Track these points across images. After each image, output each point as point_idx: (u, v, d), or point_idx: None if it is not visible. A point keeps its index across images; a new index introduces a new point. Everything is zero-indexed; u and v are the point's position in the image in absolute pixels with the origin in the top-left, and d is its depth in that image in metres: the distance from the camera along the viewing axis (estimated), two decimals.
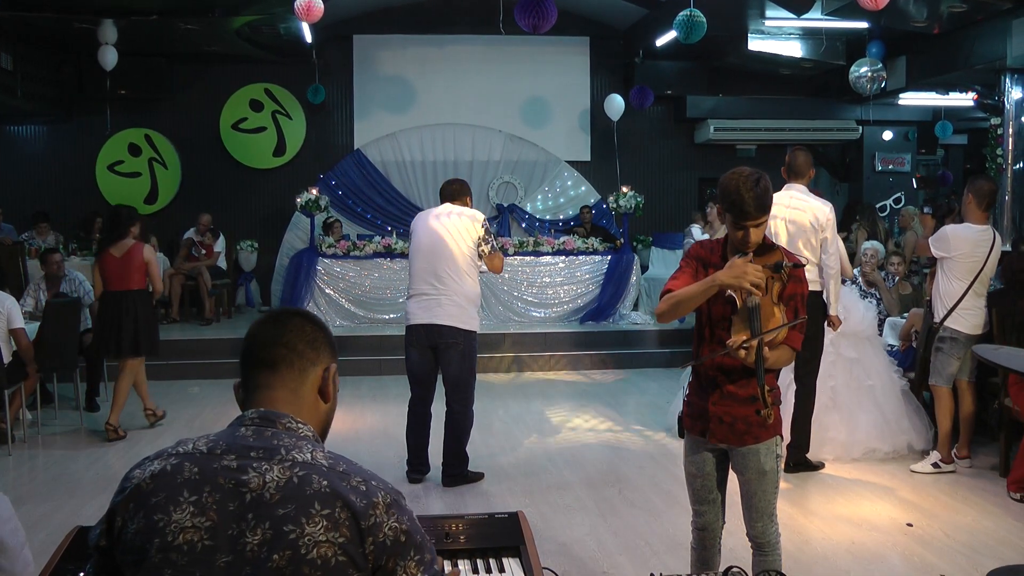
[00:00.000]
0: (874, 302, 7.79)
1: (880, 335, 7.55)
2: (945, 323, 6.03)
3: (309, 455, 1.73)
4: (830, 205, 6.00)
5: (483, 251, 5.91)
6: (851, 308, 6.65)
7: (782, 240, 5.84)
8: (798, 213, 5.89)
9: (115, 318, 7.13)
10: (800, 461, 6.19)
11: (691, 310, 3.26)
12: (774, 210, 5.83)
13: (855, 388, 6.49)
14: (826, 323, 6.04)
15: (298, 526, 1.63)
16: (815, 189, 6.42)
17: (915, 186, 14.80)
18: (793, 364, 6.07)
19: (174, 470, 1.70)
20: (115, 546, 1.72)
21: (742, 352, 3.04)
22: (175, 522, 1.64)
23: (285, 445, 1.73)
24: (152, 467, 1.73)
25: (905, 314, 7.49)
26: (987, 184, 6.10)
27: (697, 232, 8.97)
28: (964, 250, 5.94)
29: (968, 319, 5.99)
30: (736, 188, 3.10)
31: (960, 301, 5.96)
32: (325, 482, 1.68)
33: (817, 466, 6.26)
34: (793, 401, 6.15)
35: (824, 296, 6.00)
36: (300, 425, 1.80)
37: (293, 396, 1.84)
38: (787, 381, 6.16)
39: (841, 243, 7.18)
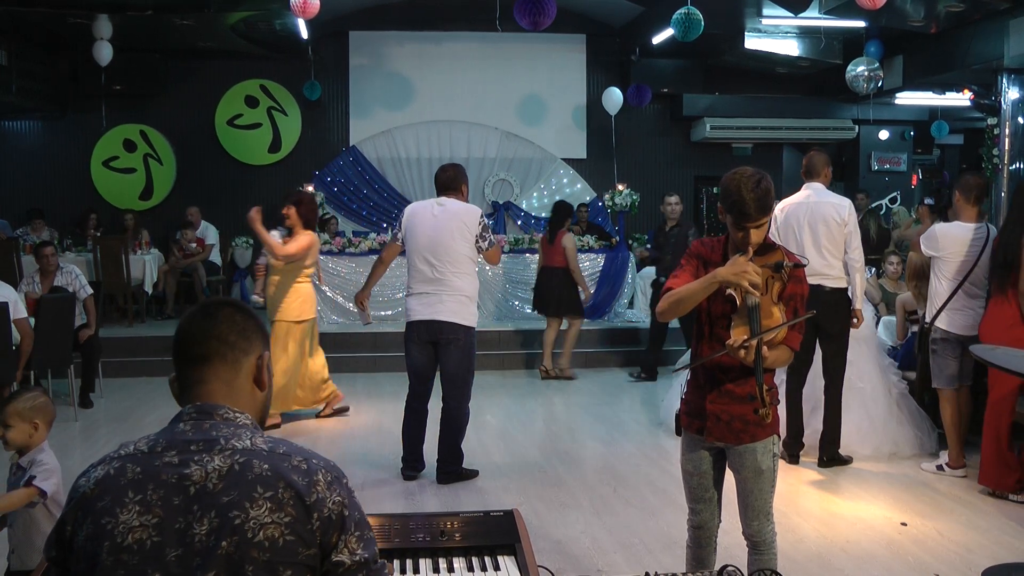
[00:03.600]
0: None
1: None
2: (935, 323, 5.99)
3: (248, 442, 1.75)
4: (849, 201, 6.15)
5: (480, 247, 5.94)
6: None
7: (805, 238, 5.93)
8: (818, 209, 6.03)
9: (545, 286, 9.55)
10: (833, 456, 6.24)
11: (692, 308, 3.26)
12: (796, 210, 5.96)
13: (844, 389, 6.49)
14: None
15: (242, 511, 1.65)
16: None
17: (920, 176, 14.83)
18: (822, 361, 6.19)
19: (117, 473, 1.71)
20: (68, 556, 1.72)
21: (742, 352, 3.04)
22: (123, 523, 1.65)
23: (224, 435, 1.75)
24: (96, 473, 1.74)
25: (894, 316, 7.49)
26: (973, 178, 6.04)
27: (276, 235, 8.83)
28: (953, 249, 5.87)
29: (958, 319, 5.89)
30: (737, 189, 3.10)
31: (948, 301, 5.90)
32: (266, 465, 1.70)
33: (847, 460, 6.30)
34: (824, 399, 6.27)
35: (849, 292, 6.06)
36: (238, 414, 1.81)
37: (228, 388, 1.84)
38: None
39: None
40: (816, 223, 6.02)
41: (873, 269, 8.42)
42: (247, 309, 1.93)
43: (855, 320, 6.15)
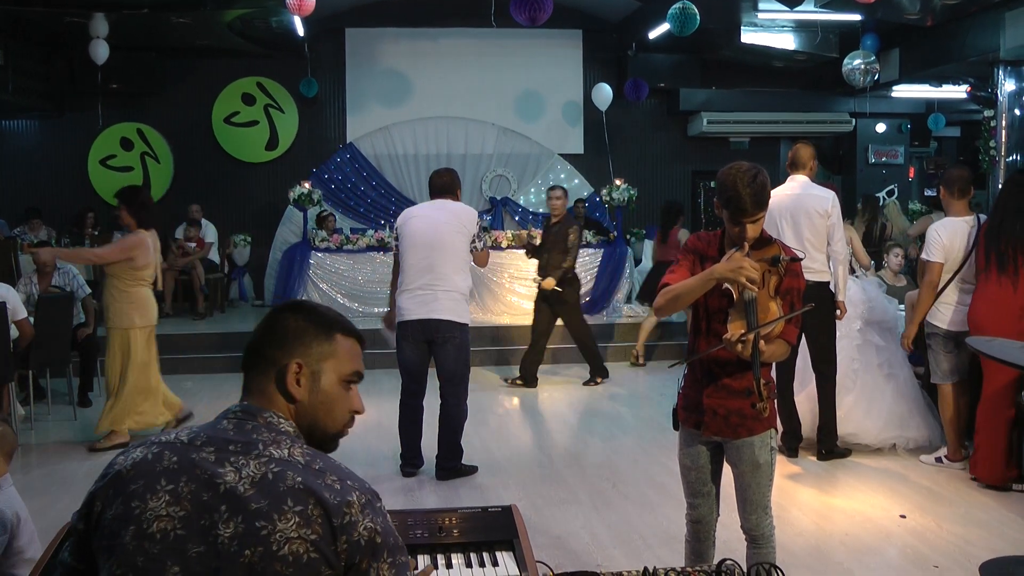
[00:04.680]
0: None
1: None
2: (926, 318, 6.00)
3: (286, 451, 1.73)
4: (832, 193, 6.12)
5: (476, 247, 5.96)
6: (876, 300, 6.77)
7: (787, 230, 5.92)
8: (801, 202, 6.01)
9: (654, 280, 9.59)
10: (831, 449, 6.25)
11: (689, 304, 3.26)
12: (778, 201, 5.94)
13: (879, 375, 6.50)
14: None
15: (270, 522, 1.63)
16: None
17: (926, 167, 14.88)
18: (810, 357, 6.18)
19: (154, 458, 1.72)
20: (92, 531, 1.73)
21: (739, 346, 3.04)
22: (151, 510, 1.66)
23: (263, 440, 1.74)
24: (134, 455, 1.75)
25: (901, 306, 7.49)
26: (956, 171, 6.00)
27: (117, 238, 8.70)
28: (954, 245, 5.86)
29: (949, 314, 5.86)
30: (733, 184, 3.09)
31: (938, 296, 5.88)
32: (299, 479, 1.68)
33: (846, 453, 6.30)
34: (816, 393, 6.27)
35: (832, 285, 6.06)
36: (281, 420, 1.80)
37: (263, 396, 1.84)
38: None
39: (855, 234, 7.20)
40: (799, 215, 5.99)
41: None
42: (305, 312, 1.90)
43: (839, 312, 6.16)
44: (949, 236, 5.83)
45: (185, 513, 1.65)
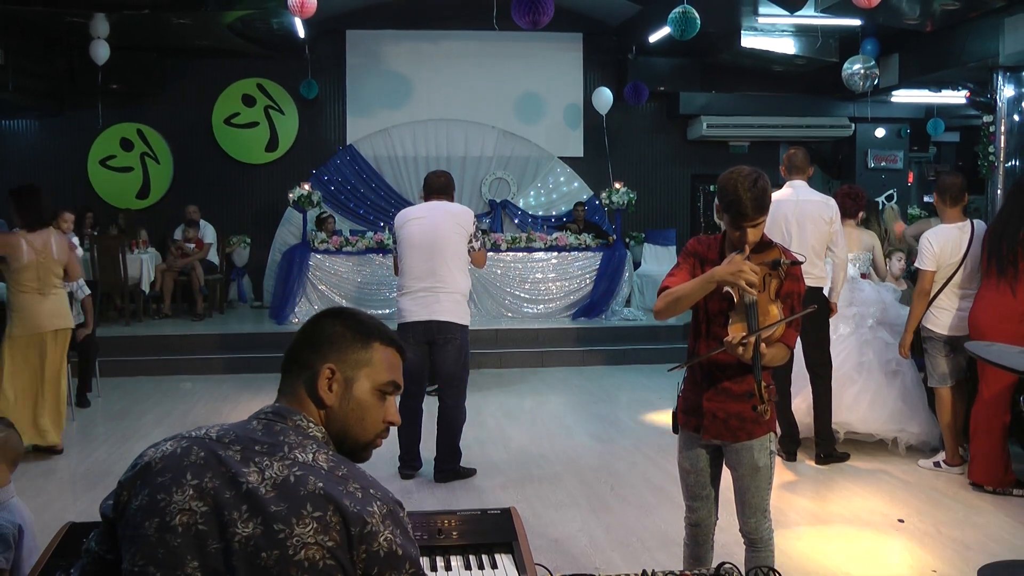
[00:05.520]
0: None
1: None
2: (923, 323, 6.02)
3: (311, 456, 1.73)
4: (834, 200, 6.20)
5: (473, 247, 5.96)
6: (891, 304, 6.83)
7: (794, 236, 5.94)
8: (807, 208, 6.06)
9: None
10: (830, 453, 6.26)
11: (689, 307, 3.26)
12: (782, 207, 5.97)
13: (886, 371, 6.52)
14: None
15: (288, 526, 1.63)
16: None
17: (927, 175, 14.93)
18: (805, 360, 6.20)
19: (183, 453, 1.73)
20: (118, 520, 1.74)
21: (740, 349, 3.04)
22: (175, 503, 1.67)
23: (289, 443, 1.74)
24: (164, 447, 1.76)
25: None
26: (949, 178, 6.01)
27: None
28: (946, 251, 5.89)
29: (942, 318, 5.90)
30: (734, 188, 3.09)
31: (933, 300, 5.92)
32: (321, 484, 1.68)
33: (844, 456, 6.32)
34: (812, 396, 6.30)
35: (826, 289, 6.15)
36: (311, 424, 1.81)
37: (295, 399, 1.85)
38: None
39: (879, 243, 7.25)
40: (804, 221, 6.03)
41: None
42: (345, 318, 1.90)
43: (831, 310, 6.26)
44: (940, 244, 5.87)
45: (208, 509, 1.66)
